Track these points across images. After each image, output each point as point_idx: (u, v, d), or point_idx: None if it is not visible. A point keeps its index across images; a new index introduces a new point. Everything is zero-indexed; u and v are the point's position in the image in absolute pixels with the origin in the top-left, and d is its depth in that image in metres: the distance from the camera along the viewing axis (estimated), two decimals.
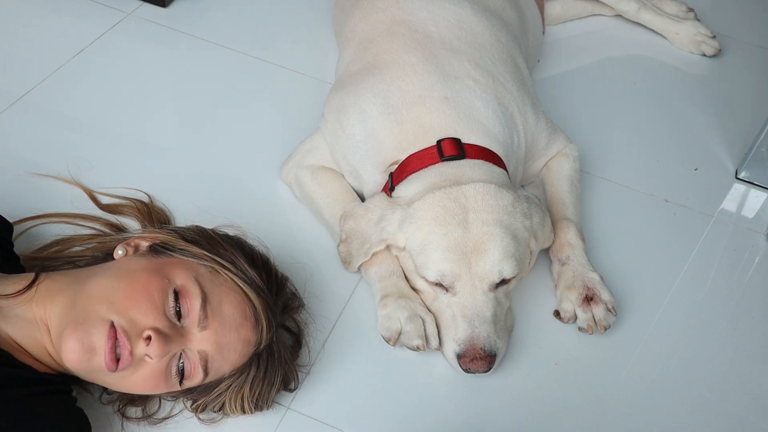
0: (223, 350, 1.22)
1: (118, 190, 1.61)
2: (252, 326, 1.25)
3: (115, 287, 1.20)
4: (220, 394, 1.29)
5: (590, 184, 1.83)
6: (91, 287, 1.21)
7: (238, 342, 1.24)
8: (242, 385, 1.28)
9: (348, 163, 1.63)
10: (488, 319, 1.40)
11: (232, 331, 1.23)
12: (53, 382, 1.20)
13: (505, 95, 1.60)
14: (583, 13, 2.29)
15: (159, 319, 1.18)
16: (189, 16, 2.12)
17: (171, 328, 1.19)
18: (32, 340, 1.20)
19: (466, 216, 1.40)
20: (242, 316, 1.24)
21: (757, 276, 1.70)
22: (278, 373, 1.32)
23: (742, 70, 2.22)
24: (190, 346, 1.20)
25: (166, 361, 1.19)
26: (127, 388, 1.24)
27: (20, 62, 1.93)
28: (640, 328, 1.56)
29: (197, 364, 1.21)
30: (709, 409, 1.46)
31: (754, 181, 1.90)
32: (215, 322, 1.21)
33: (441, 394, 1.44)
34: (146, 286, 1.20)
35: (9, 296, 1.21)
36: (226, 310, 1.23)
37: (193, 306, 1.20)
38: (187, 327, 1.20)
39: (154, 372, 1.19)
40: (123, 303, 1.18)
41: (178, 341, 1.19)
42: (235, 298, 1.25)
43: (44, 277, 1.25)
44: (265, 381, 1.30)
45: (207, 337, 1.21)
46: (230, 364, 1.25)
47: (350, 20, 1.80)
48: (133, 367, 1.18)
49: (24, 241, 1.48)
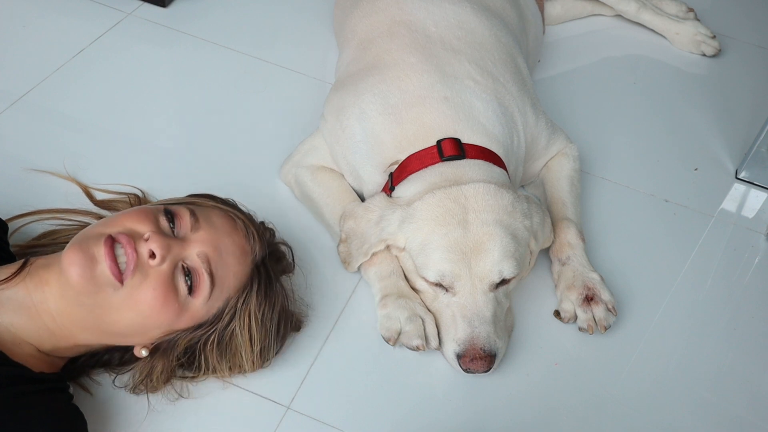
0: (221, 252, 1.26)
1: (112, 186, 1.62)
2: (243, 235, 1.31)
3: (107, 218, 1.31)
4: (230, 319, 1.29)
5: (590, 184, 1.83)
6: (84, 229, 1.29)
7: (232, 245, 1.28)
8: (248, 303, 1.30)
9: (348, 163, 1.63)
10: (488, 319, 1.40)
11: (224, 235, 1.28)
12: (48, 381, 1.19)
13: (505, 95, 1.60)
14: (583, 13, 2.29)
15: (156, 229, 1.24)
16: (189, 16, 2.12)
17: (168, 234, 1.25)
18: (27, 320, 1.20)
19: (466, 216, 1.40)
20: (231, 225, 1.31)
21: (757, 276, 1.70)
22: (278, 297, 1.35)
23: (742, 70, 2.22)
24: (188, 253, 1.24)
25: (171, 269, 1.22)
26: (136, 310, 1.21)
27: (20, 62, 1.93)
28: (640, 328, 1.56)
29: (201, 269, 1.24)
30: (709, 409, 1.46)
31: (754, 181, 1.90)
32: (207, 224, 1.28)
33: (441, 394, 1.44)
34: (140, 210, 1.28)
35: (1, 281, 1.21)
36: (215, 218, 1.30)
37: (184, 217, 1.27)
38: (181, 236, 1.26)
39: (162, 279, 1.20)
40: (118, 220, 1.26)
41: (177, 242, 1.24)
42: (221, 213, 1.33)
43: (35, 259, 1.27)
44: (267, 300, 1.32)
45: (202, 237, 1.26)
46: (232, 272, 1.28)
47: (350, 20, 1.80)
48: (140, 275, 1.19)
49: (18, 238, 1.48)
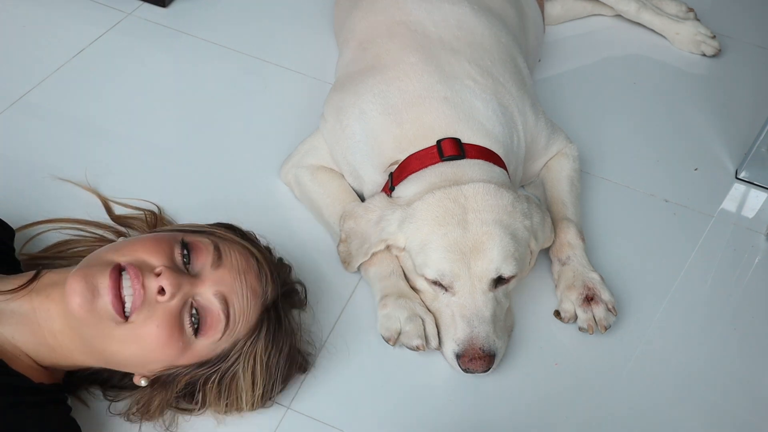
0: (237, 294, 1.21)
1: (130, 200, 1.60)
2: (256, 275, 1.25)
3: (120, 243, 1.24)
4: (235, 361, 1.24)
5: (590, 184, 1.83)
6: (96, 251, 1.24)
7: (247, 287, 1.23)
8: (253, 351, 1.25)
9: (348, 163, 1.63)
10: (487, 319, 1.39)
11: (241, 274, 1.23)
12: (47, 392, 1.18)
13: (505, 95, 1.60)
14: (583, 13, 2.29)
15: (169, 263, 1.18)
16: (189, 16, 2.12)
17: (180, 270, 1.19)
18: (29, 335, 1.18)
19: (466, 216, 1.40)
20: (247, 264, 1.25)
21: (757, 276, 1.70)
22: (286, 340, 1.30)
23: (742, 70, 2.22)
24: (201, 291, 1.19)
25: (179, 305, 1.16)
26: (138, 345, 1.17)
27: (20, 62, 1.93)
28: (640, 328, 1.56)
29: (216, 310, 1.19)
30: (709, 409, 1.46)
31: (754, 181, 1.90)
32: (227, 264, 1.22)
33: (441, 394, 1.44)
34: (155, 238, 1.22)
35: (8, 292, 1.18)
36: (233, 256, 1.24)
37: (203, 252, 1.21)
38: (198, 271, 1.20)
39: (168, 316, 1.15)
40: (131, 248, 1.19)
41: (189, 280, 1.18)
42: (238, 247, 1.27)
43: (46, 271, 1.24)
44: (274, 345, 1.27)
45: (221, 277, 1.20)
46: (244, 315, 1.22)
47: (350, 20, 1.80)
48: (146, 311, 1.14)
49: (34, 246, 1.47)
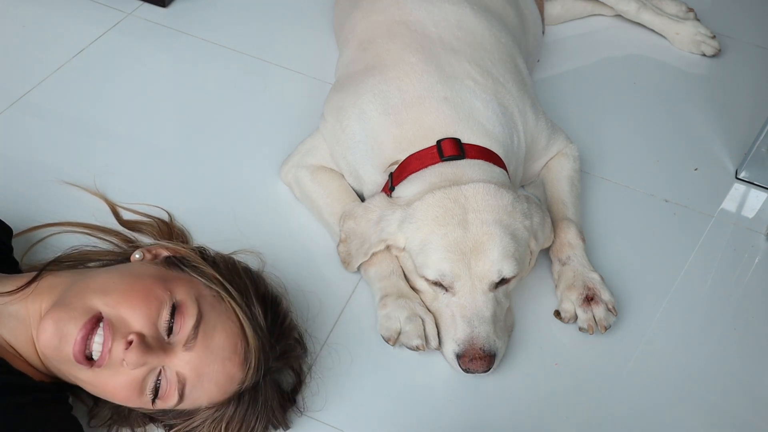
0: (203, 378, 1.17)
1: (139, 206, 1.58)
2: (240, 363, 1.20)
3: (115, 282, 1.18)
4: (195, 427, 1.22)
5: (590, 184, 1.83)
6: (92, 278, 1.20)
7: (220, 374, 1.18)
8: (220, 422, 1.22)
9: (348, 163, 1.63)
10: (487, 319, 1.39)
11: (217, 361, 1.18)
12: (48, 390, 1.18)
13: (505, 95, 1.60)
14: (583, 13, 2.29)
15: (148, 328, 1.14)
16: (189, 16, 2.12)
17: (157, 340, 1.15)
18: (24, 340, 1.18)
19: (466, 216, 1.40)
20: (232, 349, 1.19)
21: (757, 276, 1.70)
22: (260, 420, 1.25)
23: (742, 70, 2.22)
24: (170, 365, 1.16)
25: (144, 373, 1.15)
26: (100, 391, 1.18)
27: (20, 62, 1.93)
28: (640, 328, 1.56)
29: (174, 385, 1.16)
30: (709, 409, 1.46)
31: (754, 181, 1.90)
32: (202, 346, 1.17)
33: (441, 394, 1.43)
34: (146, 292, 1.17)
35: (6, 294, 1.18)
36: (217, 338, 1.18)
37: (186, 324, 1.16)
38: (173, 344, 1.16)
39: (130, 381, 1.14)
40: (117, 298, 1.15)
41: (158, 356, 1.14)
42: (231, 328, 1.20)
43: (47, 274, 1.23)
44: (244, 424, 1.24)
45: (189, 359, 1.16)
46: (208, 395, 1.20)
47: (350, 20, 1.80)
48: (110, 369, 1.13)
49: (41, 249, 1.47)
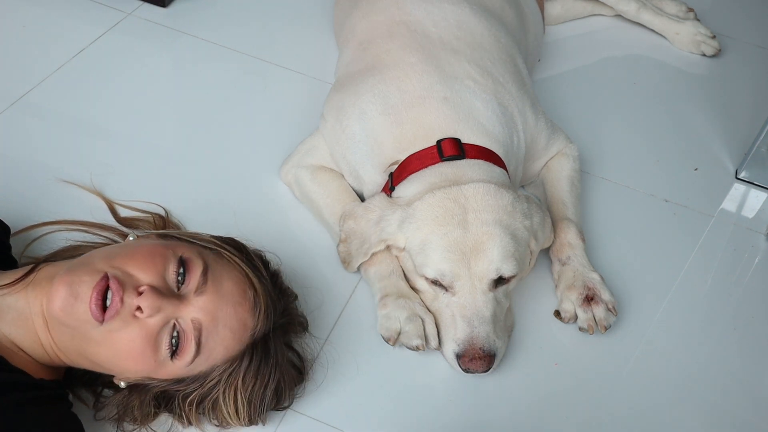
0: (218, 323, 1.17)
1: (136, 203, 1.59)
2: (250, 308, 1.21)
3: (117, 250, 1.20)
4: (213, 386, 1.22)
5: (590, 184, 1.83)
6: (93, 253, 1.21)
7: (233, 318, 1.19)
8: (235, 377, 1.22)
9: (348, 163, 1.63)
10: (487, 319, 1.39)
11: (229, 305, 1.19)
12: (48, 388, 1.17)
13: (505, 95, 1.60)
14: (583, 13, 2.29)
15: (157, 281, 1.15)
16: (189, 16, 2.12)
17: (168, 290, 1.15)
18: (24, 332, 1.17)
19: (466, 216, 1.40)
20: (241, 294, 1.21)
21: (757, 276, 1.70)
22: (272, 375, 1.26)
23: (742, 70, 2.21)
24: (184, 315, 1.15)
25: (159, 324, 1.14)
26: (113, 352, 1.15)
27: (20, 62, 1.93)
28: (640, 328, 1.56)
29: (190, 334, 1.16)
30: (709, 409, 1.46)
31: (754, 181, 1.90)
32: (213, 290, 1.18)
33: (441, 394, 1.44)
34: (150, 252, 1.18)
35: (5, 286, 1.18)
36: (226, 284, 1.20)
37: (194, 273, 1.17)
38: (185, 294, 1.17)
39: (143, 333, 1.13)
40: (123, 260, 1.16)
41: (172, 303, 1.14)
42: (237, 276, 1.22)
43: (45, 265, 1.23)
44: (258, 378, 1.24)
45: (203, 304, 1.16)
46: (223, 344, 1.19)
47: (350, 20, 1.80)
48: (121, 321, 1.12)
49: (37, 247, 1.47)
